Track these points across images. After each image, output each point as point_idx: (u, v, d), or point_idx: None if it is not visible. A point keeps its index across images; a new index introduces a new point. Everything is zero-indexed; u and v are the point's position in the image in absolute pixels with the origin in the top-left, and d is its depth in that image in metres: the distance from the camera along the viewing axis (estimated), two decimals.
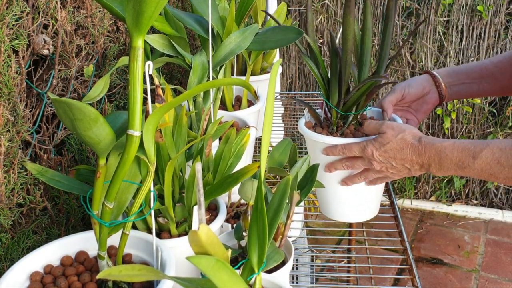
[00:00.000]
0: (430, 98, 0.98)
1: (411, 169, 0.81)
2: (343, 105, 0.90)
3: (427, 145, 0.78)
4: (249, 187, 0.72)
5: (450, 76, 0.98)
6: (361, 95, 0.88)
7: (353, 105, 0.90)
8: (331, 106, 0.90)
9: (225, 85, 1.13)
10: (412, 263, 0.88)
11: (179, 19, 0.92)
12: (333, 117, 0.92)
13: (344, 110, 0.90)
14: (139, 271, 0.44)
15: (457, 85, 0.98)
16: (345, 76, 0.87)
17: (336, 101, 0.90)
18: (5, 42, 0.68)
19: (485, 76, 0.97)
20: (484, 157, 0.73)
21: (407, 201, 2.70)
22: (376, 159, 0.82)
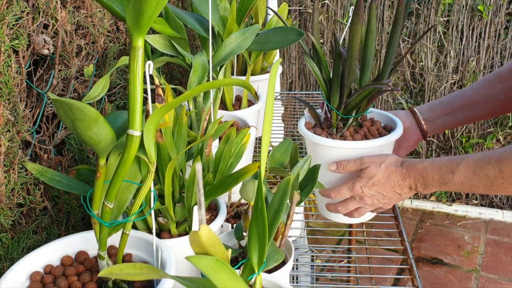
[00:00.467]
0: (412, 135, 0.99)
1: (401, 193, 0.83)
2: (344, 108, 0.90)
3: (409, 167, 0.81)
4: (250, 187, 0.72)
5: (432, 111, 0.99)
6: (362, 99, 0.89)
7: (354, 109, 0.90)
8: (332, 109, 0.90)
9: (226, 86, 1.13)
10: (412, 263, 0.88)
11: (179, 18, 0.92)
12: (333, 119, 0.92)
13: (345, 113, 0.90)
14: (140, 270, 0.44)
15: (440, 117, 0.99)
16: (348, 81, 0.87)
17: (337, 104, 0.90)
18: (5, 42, 0.68)
19: (467, 105, 0.98)
20: (461, 171, 0.76)
21: (407, 201, 2.70)
22: (367, 194, 0.83)
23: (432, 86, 2.59)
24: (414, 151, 2.71)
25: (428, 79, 2.58)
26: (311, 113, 0.94)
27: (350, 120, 0.91)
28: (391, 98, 2.71)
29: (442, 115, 0.99)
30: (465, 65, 2.48)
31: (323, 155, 0.88)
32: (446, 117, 0.99)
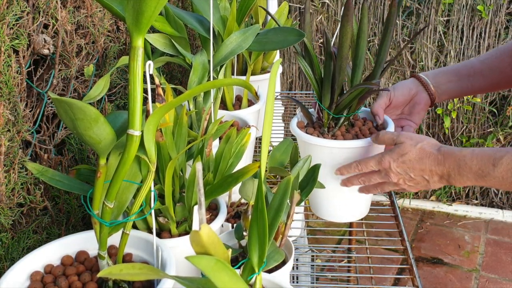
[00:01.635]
0: (420, 98, 0.97)
1: (430, 180, 0.78)
2: (335, 108, 0.90)
3: (446, 154, 0.76)
4: (250, 186, 0.72)
5: (437, 76, 0.98)
6: (353, 99, 0.88)
7: (345, 108, 0.90)
8: (323, 108, 0.90)
9: (226, 85, 1.13)
10: (413, 263, 0.88)
11: (180, 18, 0.92)
12: (324, 118, 0.91)
13: (336, 112, 0.90)
14: (140, 270, 0.44)
15: (445, 83, 0.97)
16: (339, 81, 0.87)
17: (328, 103, 0.90)
18: (6, 41, 0.68)
19: (473, 74, 0.96)
20: (504, 164, 0.70)
21: (407, 201, 2.70)
22: (394, 171, 0.79)
23: None
24: None
25: None
26: (303, 112, 0.94)
27: (342, 119, 0.91)
28: None
29: (447, 82, 0.97)
30: None
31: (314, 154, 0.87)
32: (451, 83, 0.97)
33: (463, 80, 0.97)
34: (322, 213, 0.96)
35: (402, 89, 0.97)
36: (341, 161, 0.87)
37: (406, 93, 0.97)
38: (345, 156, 0.86)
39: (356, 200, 0.93)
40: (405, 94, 0.97)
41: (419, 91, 0.97)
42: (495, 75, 0.95)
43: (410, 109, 0.98)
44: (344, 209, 0.94)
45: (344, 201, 0.92)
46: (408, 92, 0.97)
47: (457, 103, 2.52)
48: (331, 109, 0.90)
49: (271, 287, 0.61)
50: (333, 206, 0.94)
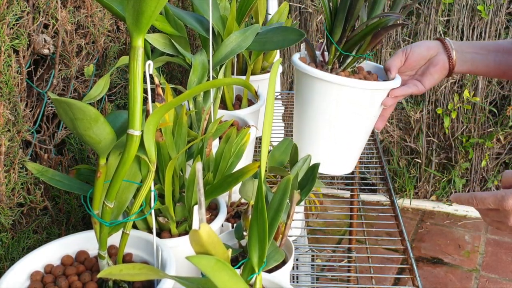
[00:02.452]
0: (437, 60, 0.87)
1: None
2: (344, 43, 0.81)
3: None
4: (250, 186, 0.72)
5: (463, 45, 0.89)
6: (365, 34, 0.79)
7: (355, 45, 0.81)
8: (332, 42, 0.81)
9: (226, 85, 1.13)
10: (413, 263, 0.88)
11: (179, 18, 0.92)
12: (330, 55, 0.82)
13: (345, 49, 0.81)
14: (139, 270, 0.44)
15: (471, 53, 0.88)
16: (355, 11, 0.77)
17: (338, 37, 0.81)
18: (6, 41, 0.68)
19: (501, 51, 0.88)
20: None
21: (408, 201, 2.70)
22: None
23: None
24: (414, 150, 2.71)
25: None
26: (308, 49, 0.85)
27: (348, 60, 0.82)
28: None
29: (472, 52, 0.88)
30: None
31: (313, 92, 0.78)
32: (477, 55, 0.88)
33: (490, 54, 0.88)
34: None
35: (420, 47, 0.88)
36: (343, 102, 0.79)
37: (424, 51, 0.88)
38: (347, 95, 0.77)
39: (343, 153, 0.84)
40: (423, 52, 0.88)
41: (439, 52, 0.88)
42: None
43: (424, 70, 0.89)
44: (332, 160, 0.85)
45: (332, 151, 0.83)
46: (426, 51, 0.88)
47: (457, 103, 2.51)
48: (340, 44, 0.81)
49: (271, 287, 0.61)
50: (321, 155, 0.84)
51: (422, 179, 2.72)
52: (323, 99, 0.80)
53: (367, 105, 0.81)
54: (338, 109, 0.81)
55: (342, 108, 0.81)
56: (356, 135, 0.84)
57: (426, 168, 2.70)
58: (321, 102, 0.80)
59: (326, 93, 0.80)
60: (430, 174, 2.70)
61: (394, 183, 2.74)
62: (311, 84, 0.80)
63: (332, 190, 2.64)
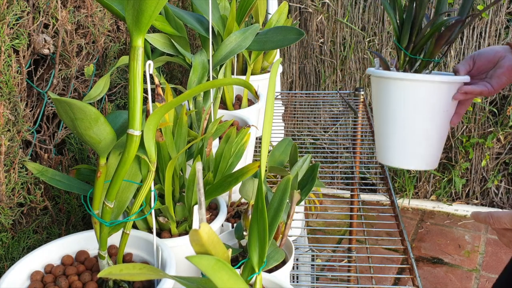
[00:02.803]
0: (505, 61, 0.88)
1: None
2: (412, 48, 0.88)
3: None
4: (250, 186, 0.72)
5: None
6: (430, 35, 0.85)
7: (422, 48, 0.88)
8: (400, 48, 0.88)
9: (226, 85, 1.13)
10: (413, 263, 0.88)
11: (179, 18, 0.92)
12: (400, 60, 0.89)
13: (413, 53, 0.88)
14: (140, 270, 0.44)
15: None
16: (419, 18, 0.85)
17: (405, 43, 0.88)
18: (6, 41, 0.68)
19: None
20: None
21: (408, 201, 2.70)
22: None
23: None
24: None
25: None
26: (381, 62, 0.92)
27: (418, 63, 0.89)
28: None
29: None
30: None
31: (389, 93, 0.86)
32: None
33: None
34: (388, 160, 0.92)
35: (488, 52, 0.90)
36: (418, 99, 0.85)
37: (491, 55, 0.89)
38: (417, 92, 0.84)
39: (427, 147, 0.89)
40: (490, 57, 0.89)
41: (506, 56, 0.88)
42: None
43: (492, 73, 0.89)
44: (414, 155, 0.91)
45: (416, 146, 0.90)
46: (493, 54, 0.89)
47: None
48: (408, 49, 0.88)
49: (271, 286, 0.61)
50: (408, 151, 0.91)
51: (422, 179, 2.72)
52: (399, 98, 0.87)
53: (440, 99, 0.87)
54: (415, 106, 0.88)
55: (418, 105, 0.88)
56: (436, 129, 0.90)
57: None
58: (398, 101, 0.87)
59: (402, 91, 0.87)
60: (430, 174, 2.70)
61: (394, 183, 2.74)
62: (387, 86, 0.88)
63: (332, 190, 2.64)
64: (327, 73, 2.74)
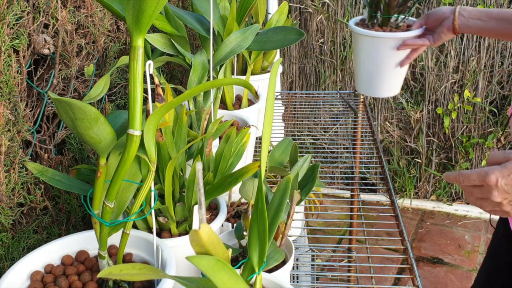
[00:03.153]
0: (446, 22, 1.14)
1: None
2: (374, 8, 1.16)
3: None
4: (250, 186, 0.72)
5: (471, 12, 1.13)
6: None
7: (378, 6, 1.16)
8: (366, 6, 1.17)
9: (226, 85, 1.13)
10: (413, 263, 0.88)
11: (180, 18, 0.92)
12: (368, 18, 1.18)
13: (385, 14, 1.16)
14: (139, 270, 0.44)
15: (475, 19, 1.12)
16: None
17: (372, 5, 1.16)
18: (6, 41, 0.68)
19: (502, 19, 1.09)
20: None
21: (408, 201, 2.70)
22: (500, 189, 0.70)
23: (432, 86, 2.59)
24: (414, 150, 2.71)
25: (428, 78, 2.58)
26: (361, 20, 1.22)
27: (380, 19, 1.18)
28: (391, 98, 2.70)
29: (477, 18, 1.12)
30: (466, 64, 2.48)
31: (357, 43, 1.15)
32: (480, 21, 1.11)
33: (491, 21, 1.10)
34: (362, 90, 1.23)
35: (437, 12, 1.16)
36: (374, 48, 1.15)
37: (438, 15, 1.16)
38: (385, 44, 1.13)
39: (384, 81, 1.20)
40: (438, 16, 1.16)
41: (449, 16, 1.14)
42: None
43: (436, 30, 1.16)
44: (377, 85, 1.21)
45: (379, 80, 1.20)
46: (440, 15, 1.15)
47: (457, 103, 2.52)
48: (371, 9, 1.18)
49: (271, 287, 0.61)
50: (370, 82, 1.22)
51: (422, 179, 2.72)
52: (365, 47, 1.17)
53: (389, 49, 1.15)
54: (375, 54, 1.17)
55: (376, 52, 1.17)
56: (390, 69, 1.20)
57: (426, 168, 2.70)
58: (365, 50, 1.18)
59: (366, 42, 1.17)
60: (430, 174, 2.70)
61: (394, 183, 2.74)
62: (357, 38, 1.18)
63: (332, 190, 2.64)
64: (327, 73, 2.74)
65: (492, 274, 1.05)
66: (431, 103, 2.62)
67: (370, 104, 2.72)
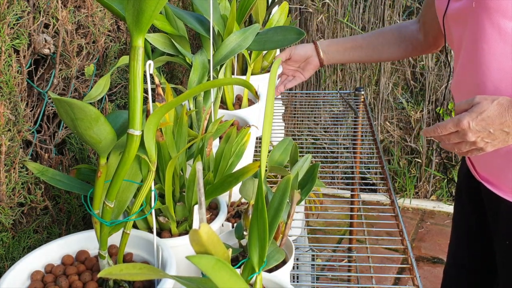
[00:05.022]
0: (312, 60, 1.27)
1: (510, 132, 0.82)
2: None
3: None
4: (250, 186, 0.72)
5: (329, 46, 1.28)
6: None
7: None
8: None
9: (226, 85, 1.13)
10: (413, 262, 0.88)
11: (180, 18, 0.92)
12: None
13: None
14: (140, 270, 0.44)
15: (333, 52, 1.27)
16: None
17: None
18: (6, 41, 0.68)
19: (355, 47, 1.26)
20: None
21: (408, 201, 2.70)
22: (472, 130, 0.82)
23: (432, 86, 2.59)
24: (415, 150, 2.71)
25: (428, 78, 2.58)
26: None
27: None
28: (392, 98, 2.70)
29: (335, 51, 1.27)
30: None
31: None
32: (338, 53, 1.27)
33: (346, 51, 1.27)
34: None
35: (301, 50, 1.26)
36: None
37: (303, 53, 1.26)
38: None
39: None
40: (302, 54, 1.26)
41: (313, 55, 1.27)
42: (370, 49, 1.25)
43: (304, 66, 1.28)
44: None
45: None
46: (305, 53, 1.26)
47: None
48: None
49: (272, 286, 0.61)
50: None
51: (422, 179, 2.72)
52: None
53: None
54: None
55: None
56: None
57: (426, 168, 2.70)
58: None
59: None
60: (430, 174, 2.70)
61: (394, 183, 2.74)
62: None
63: (333, 189, 2.64)
64: (327, 73, 2.74)
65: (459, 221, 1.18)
66: (431, 103, 2.62)
67: (370, 104, 2.72)
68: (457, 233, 1.20)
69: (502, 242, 0.98)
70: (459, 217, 1.18)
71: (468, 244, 1.15)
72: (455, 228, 1.21)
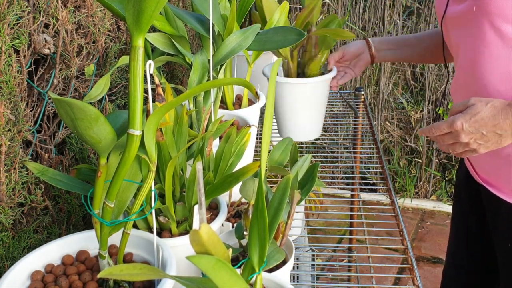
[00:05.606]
0: (364, 57, 1.29)
1: (502, 134, 0.82)
2: None
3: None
4: (250, 186, 0.72)
5: (381, 43, 1.29)
6: None
7: None
8: None
9: (226, 85, 1.13)
10: (413, 262, 0.88)
11: (180, 17, 0.92)
12: None
13: None
14: (140, 270, 0.44)
15: (384, 50, 1.29)
16: None
17: None
18: (6, 41, 0.69)
19: (407, 45, 1.28)
20: None
21: (408, 200, 2.70)
22: (466, 131, 0.83)
23: (433, 86, 2.59)
24: (415, 150, 2.71)
25: (428, 78, 2.58)
26: None
27: None
28: (392, 98, 2.70)
29: (386, 49, 1.29)
30: None
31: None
32: (388, 51, 1.29)
33: (398, 49, 1.29)
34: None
35: (353, 47, 1.29)
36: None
37: (355, 50, 1.29)
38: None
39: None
40: (355, 50, 1.30)
41: (365, 51, 1.29)
42: (422, 48, 1.25)
43: (355, 63, 1.31)
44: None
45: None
46: (357, 49, 1.29)
47: None
48: None
49: (272, 286, 0.61)
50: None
51: (422, 178, 2.72)
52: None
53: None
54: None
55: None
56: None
57: (426, 168, 2.70)
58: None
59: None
60: (430, 174, 2.70)
61: (394, 183, 2.74)
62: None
63: (333, 189, 2.64)
64: None
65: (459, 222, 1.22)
66: (431, 103, 2.62)
67: (371, 104, 2.72)
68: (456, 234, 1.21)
69: (503, 243, 0.98)
70: (458, 218, 1.19)
71: (467, 244, 1.15)
72: (454, 229, 1.21)
